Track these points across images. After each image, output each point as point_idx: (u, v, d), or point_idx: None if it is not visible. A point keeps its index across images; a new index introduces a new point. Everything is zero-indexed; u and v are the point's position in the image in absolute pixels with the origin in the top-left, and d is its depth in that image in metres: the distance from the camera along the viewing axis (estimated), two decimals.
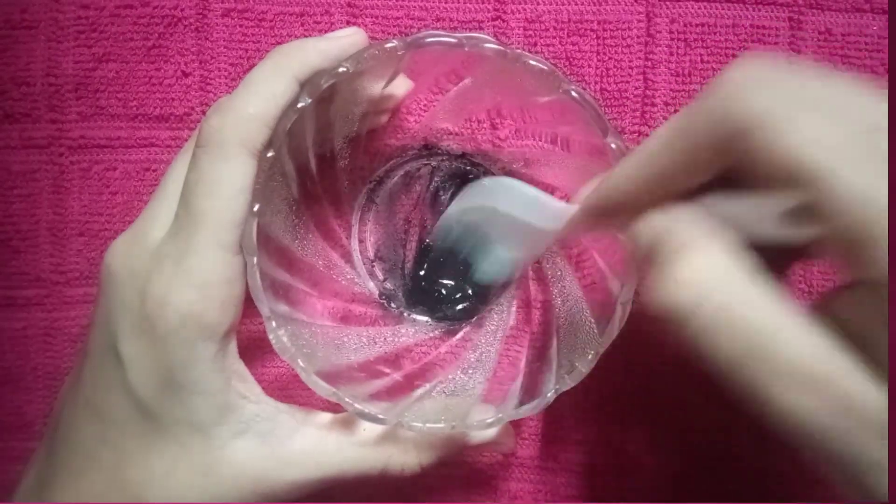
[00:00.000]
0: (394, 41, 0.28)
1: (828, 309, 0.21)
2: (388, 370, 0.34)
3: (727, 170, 0.23)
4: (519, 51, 0.28)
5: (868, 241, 0.19)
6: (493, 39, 0.28)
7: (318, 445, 0.30)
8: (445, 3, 0.36)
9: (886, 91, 0.21)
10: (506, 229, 0.31)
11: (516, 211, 0.30)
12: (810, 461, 0.19)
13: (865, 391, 0.19)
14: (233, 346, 0.29)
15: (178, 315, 0.27)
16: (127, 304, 0.28)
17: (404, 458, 0.31)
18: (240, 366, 0.30)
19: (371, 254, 0.37)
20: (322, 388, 0.28)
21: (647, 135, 0.36)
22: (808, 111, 0.20)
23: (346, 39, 0.30)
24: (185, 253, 0.28)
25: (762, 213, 0.22)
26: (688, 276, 0.21)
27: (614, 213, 0.26)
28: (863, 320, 0.20)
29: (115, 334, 0.28)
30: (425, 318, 0.37)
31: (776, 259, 0.23)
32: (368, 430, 0.31)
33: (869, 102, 0.20)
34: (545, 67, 0.28)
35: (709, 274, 0.21)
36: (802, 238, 0.21)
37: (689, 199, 0.24)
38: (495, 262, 0.33)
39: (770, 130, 0.20)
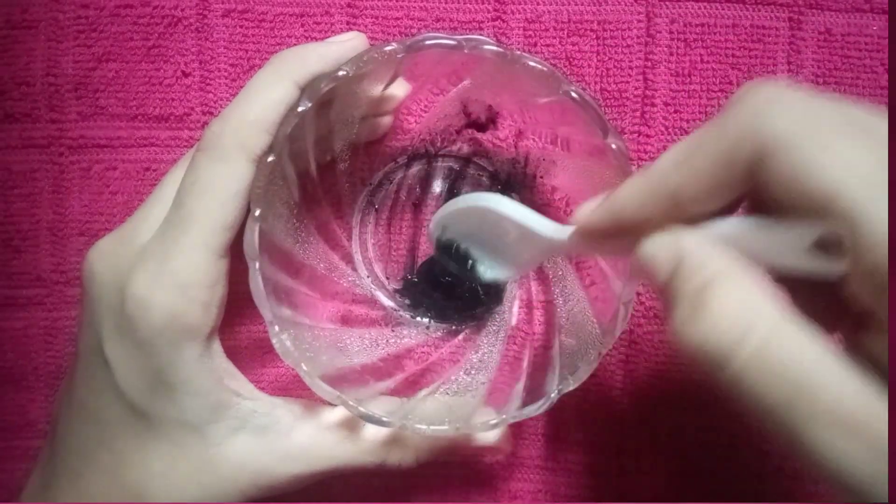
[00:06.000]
0: (393, 44, 0.28)
1: (861, 346, 0.19)
2: (390, 372, 0.34)
3: (744, 196, 0.21)
4: (519, 52, 0.28)
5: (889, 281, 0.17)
6: (492, 41, 0.28)
7: (316, 439, 0.30)
8: (445, 3, 0.36)
9: None
10: (505, 233, 0.30)
11: (519, 216, 0.29)
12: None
13: None
14: (217, 346, 0.30)
15: (160, 316, 0.27)
16: (110, 305, 0.28)
17: (402, 453, 0.31)
18: (228, 365, 0.30)
19: (372, 255, 0.37)
20: (326, 391, 0.28)
21: (647, 135, 0.36)
22: (835, 134, 0.19)
23: (347, 44, 0.30)
24: (171, 253, 0.28)
25: (784, 243, 0.20)
26: (725, 312, 0.19)
27: (619, 234, 0.24)
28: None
29: (99, 335, 0.28)
30: (427, 319, 0.37)
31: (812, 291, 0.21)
32: (367, 425, 0.31)
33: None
34: (545, 69, 0.28)
35: (746, 309, 0.19)
36: (827, 272, 0.19)
37: (701, 225, 0.22)
38: (494, 263, 0.33)
39: (794, 153, 0.19)
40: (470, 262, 0.33)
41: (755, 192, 0.21)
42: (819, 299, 0.21)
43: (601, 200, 0.25)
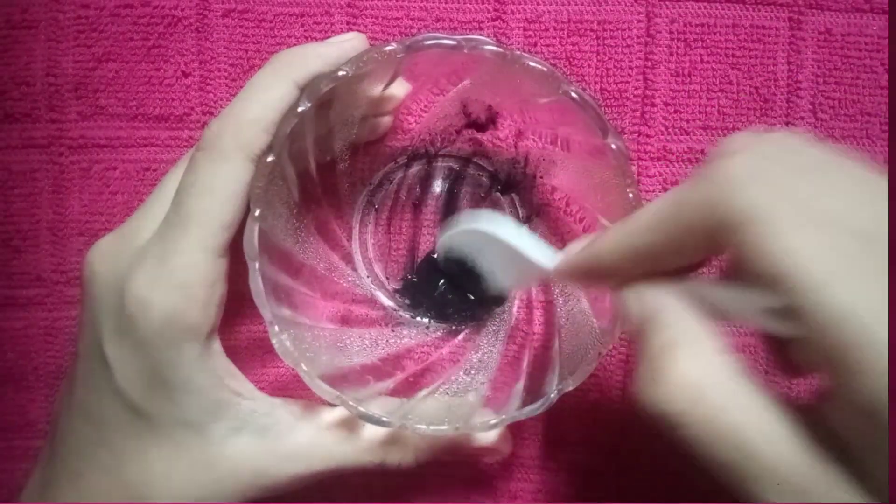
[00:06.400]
0: (393, 44, 0.28)
1: (815, 413, 0.20)
2: (390, 372, 0.34)
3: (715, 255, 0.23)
4: (518, 52, 0.28)
5: (844, 359, 0.18)
6: (492, 41, 0.28)
7: (317, 439, 0.30)
8: (445, 3, 0.36)
9: (885, 182, 0.20)
10: (502, 255, 0.31)
11: (513, 241, 0.30)
12: None
13: None
14: (217, 346, 0.30)
15: (160, 316, 0.27)
16: (109, 305, 0.28)
17: (402, 453, 0.31)
18: (229, 364, 0.30)
19: (372, 255, 0.37)
20: (326, 391, 0.28)
21: (647, 135, 0.36)
22: (797, 215, 0.20)
23: (347, 44, 0.30)
24: (170, 253, 0.28)
25: (748, 304, 0.21)
26: (680, 379, 0.21)
27: (599, 278, 0.26)
28: (845, 429, 0.19)
29: (99, 335, 0.28)
30: (426, 319, 0.37)
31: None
32: (367, 425, 0.31)
33: (863, 202, 0.20)
34: (544, 69, 0.28)
35: (700, 377, 0.21)
36: (786, 334, 0.21)
37: (678, 276, 0.24)
38: (496, 278, 0.34)
39: (757, 231, 0.20)
40: (475, 274, 0.34)
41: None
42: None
43: (585, 244, 0.26)
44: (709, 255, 0.24)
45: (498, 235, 0.31)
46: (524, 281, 0.34)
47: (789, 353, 0.23)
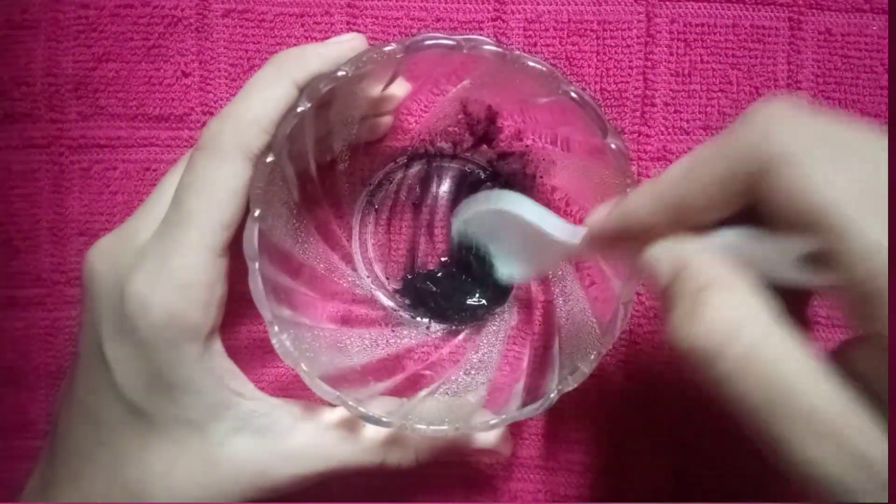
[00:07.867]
0: (392, 44, 0.28)
1: (845, 358, 0.21)
2: (390, 372, 0.34)
3: (746, 207, 0.22)
4: (518, 52, 0.28)
5: (874, 294, 0.19)
6: (491, 41, 0.28)
7: (317, 440, 0.30)
8: (445, 3, 0.36)
9: None
10: (522, 236, 0.31)
11: (535, 220, 0.30)
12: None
13: (878, 447, 0.18)
14: (218, 346, 0.30)
15: (160, 316, 0.27)
16: (109, 305, 0.28)
17: (402, 453, 0.31)
18: (230, 364, 0.30)
19: (372, 255, 0.37)
20: (326, 391, 0.28)
21: (647, 135, 0.36)
22: (830, 155, 0.20)
23: (346, 44, 0.30)
24: (170, 252, 0.28)
25: (779, 255, 0.21)
26: (718, 316, 0.21)
27: (627, 240, 0.25)
28: (875, 373, 0.20)
29: (99, 335, 0.29)
30: (426, 319, 0.37)
31: (795, 299, 0.23)
32: (367, 425, 0.31)
33: (885, 152, 0.20)
34: (544, 69, 0.28)
35: (737, 314, 0.21)
36: (817, 284, 0.21)
37: (705, 233, 0.24)
38: (512, 262, 0.34)
39: (790, 171, 0.20)
40: (488, 261, 0.34)
41: (757, 205, 0.22)
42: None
43: (611, 206, 0.26)
44: (740, 208, 0.23)
45: (517, 213, 0.31)
46: (547, 262, 0.34)
47: (803, 308, 0.24)
